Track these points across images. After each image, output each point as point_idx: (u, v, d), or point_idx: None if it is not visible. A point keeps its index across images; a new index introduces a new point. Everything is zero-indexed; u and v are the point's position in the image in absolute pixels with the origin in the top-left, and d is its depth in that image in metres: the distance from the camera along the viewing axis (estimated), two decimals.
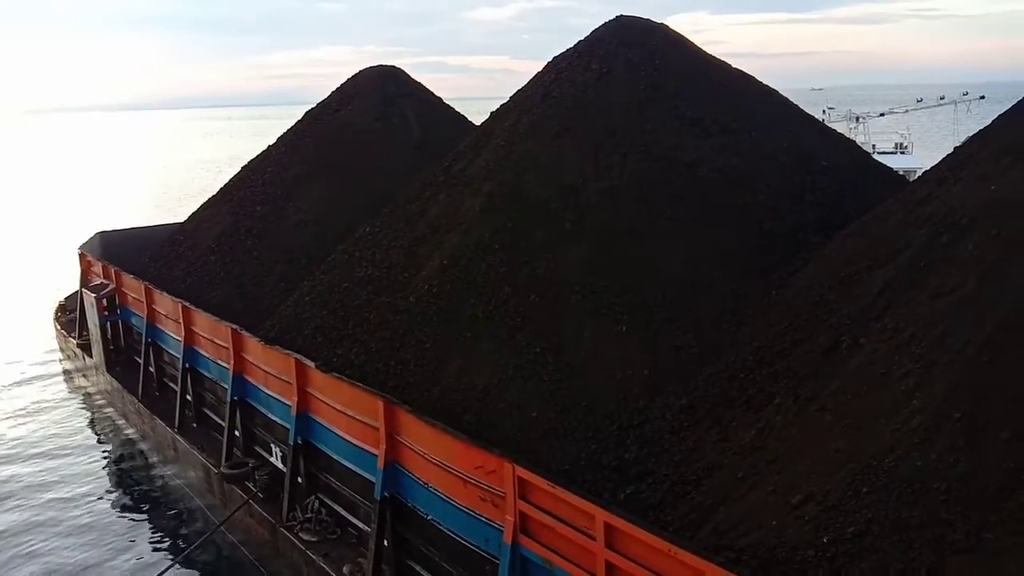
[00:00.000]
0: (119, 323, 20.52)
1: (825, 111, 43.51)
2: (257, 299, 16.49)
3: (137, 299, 18.73)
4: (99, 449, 19.79)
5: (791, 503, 7.25)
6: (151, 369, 18.58)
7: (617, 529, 7.39)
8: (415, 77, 21.79)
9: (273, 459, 13.53)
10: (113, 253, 21.92)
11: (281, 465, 13.11)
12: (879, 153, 33.50)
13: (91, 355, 21.67)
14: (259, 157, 20.96)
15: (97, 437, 20.54)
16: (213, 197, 21.06)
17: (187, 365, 16.27)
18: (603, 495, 8.71)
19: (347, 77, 21.91)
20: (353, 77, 21.64)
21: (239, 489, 13.61)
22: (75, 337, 23.48)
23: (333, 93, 21.48)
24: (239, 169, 21.47)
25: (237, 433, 14.48)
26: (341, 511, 11.98)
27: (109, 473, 18.50)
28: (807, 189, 12.13)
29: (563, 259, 11.29)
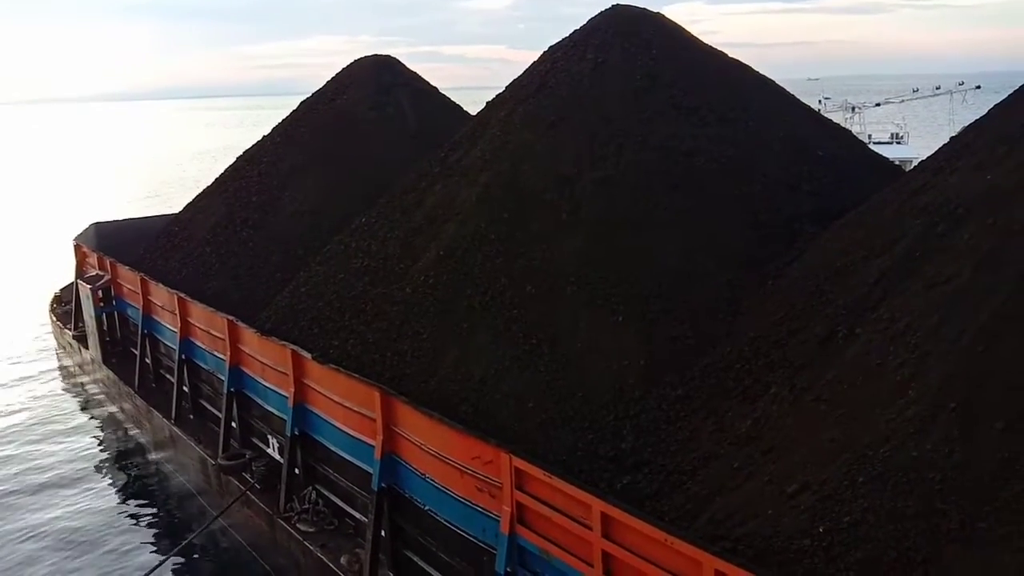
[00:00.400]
0: (115, 315, 20.48)
1: (821, 101, 43.50)
2: (253, 290, 16.46)
3: (133, 290, 18.68)
4: (95, 441, 19.79)
5: (787, 493, 7.28)
6: (147, 361, 18.56)
7: (614, 519, 7.43)
8: (410, 67, 21.71)
9: (270, 450, 13.55)
10: (108, 244, 21.85)
11: (278, 456, 13.12)
12: (875, 143, 33.51)
13: (87, 347, 21.63)
14: (254, 147, 20.87)
15: (93, 429, 20.52)
16: (208, 188, 20.97)
17: (183, 356, 16.26)
18: (600, 485, 8.74)
19: (341, 67, 21.85)
20: (348, 67, 21.51)
21: (236, 480, 13.62)
22: (71, 329, 23.44)
23: (328, 83, 21.33)
24: (234, 159, 21.40)
25: (234, 424, 14.48)
26: (338, 502, 12.00)
27: (105, 465, 18.49)
28: (803, 179, 12.13)
29: (559, 249, 11.28)
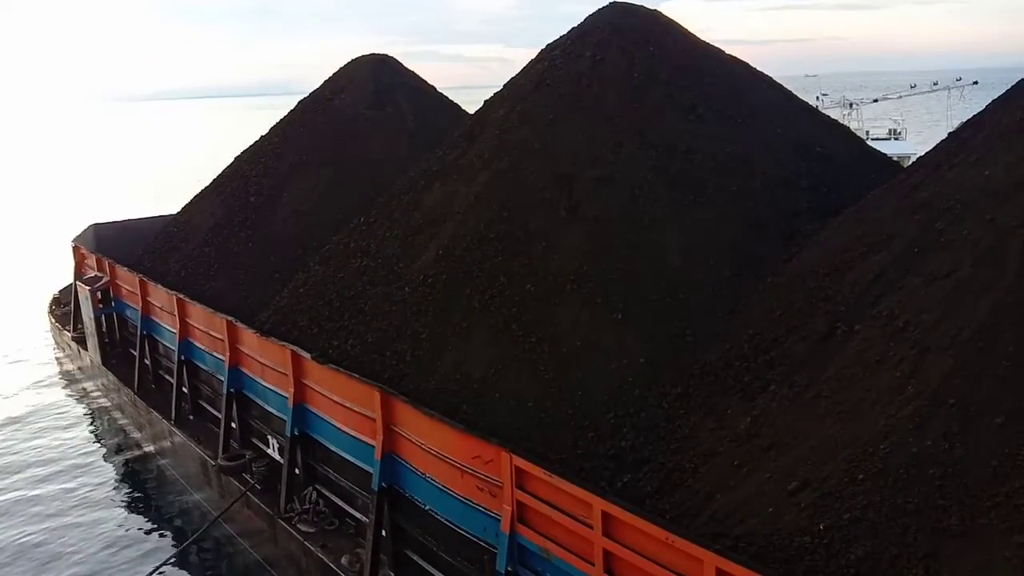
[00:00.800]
0: (114, 316, 20.44)
1: (819, 98, 43.49)
2: (252, 291, 16.45)
3: (132, 292, 18.66)
4: (95, 442, 19.78)
5: (787, 490, 7.28)
6: (147, 362, 18.54)
7: (614, 517, 7.42)
8: (408, 66, 21.67)
9: (270, 451, 13.54)
10: (107, 246, 21.83)
11: (278, 457, 13.11)
12: (873, 139, 33.50)
13: (86, 348, 21.62)
14: (252, 147, 20.83)
15: (93, 430, 20.51)
16: (206, 188, 20.92)
17: (183, 357, 16.24)
18: (600, 484, 8.74)
19: (338, 66, 21.78)
20: (345, 66, 21.43)
21: (236, 481, 13.61)
22: (70, 330, 23.42)
23: (326, 82, 21.26)
24: (232, 159, 21.36)
25: (234, 425, 14.46)
26: (339, 502, 12.00)
27: (106, 466, 18.47)
28: (802, 176, 12.12)
29: (558, 248, 11.28)
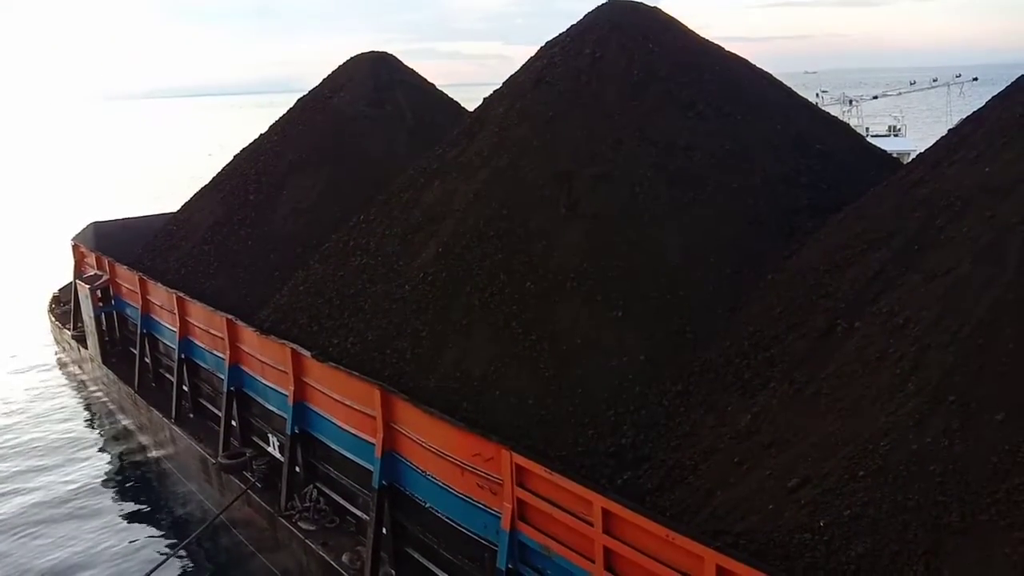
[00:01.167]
0: (114, 314, 20.45)
1: (818, 94, 43.46)
2: (252, 289, 16.44)
3: (131, 290, 18.66)
4: (96, 441, 19.78)
5: (788, 487, 7.28)
6: (147, 360, 18.54)
7: (615, 515, 7.42)
8: (406, 63, 21.63)
9: (271, 449, 13.55)
10: (106, 244, 21.82)
11: (279, 455, 13.12)
12: (873, 136, 33.47)
13: (86, 347, 21.62)
14: (251, 145, 20.82)
15: (94, 429, 20.51)
16: (206, 186, 20.91)
17: (183, 356, 16.24)
18: (600, 481, 8.75)
19: (337, 64, 21.75)
20: (344, 64, 21.40)
21: (237, 479, 13.63)
22: (70, 329, 23.42)
23: (325, 80, 21.24)
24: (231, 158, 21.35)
25: (234, 423, 14.47)
26: (339, 500, 12.01)
27: (106, 464, 18.48)
28: (801, 173, 12.12)
29: (558, 245, 11.27)
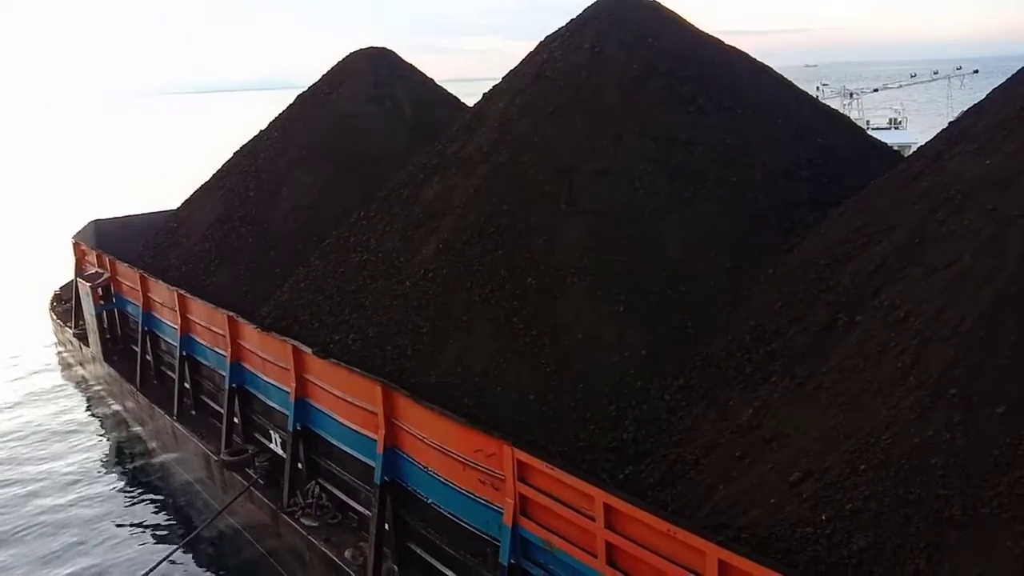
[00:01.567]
0: (115, 312, 20.45)
1: (819, 87, 43.39)
2: (253, 286, 16.43)
3: (132, 288, 18.65)
4: (98, 438, 19.83)
5: (789, 481, 7.29)
6: (148, 358, 18.55)
7: (617, 510, 7.43)
8: (406, 59, 21.58)
9: (273, 445, 13.56)
10: (107, 242, 21.82)
11: (281, 451, 13.14)
12: (873, 129, 33.41)
13: (87, 345, 21.64)
14: (251, 142, 20.79)
15: (96, 426, 20.55)
16: (206, 183, 20.89)
17: (184, 353, 16.25)
18: (602, 476, 8.76)
19: (336, 60, 21.71)
20: (344, 59, 21.32)
21: (239, 476, 13.65)
22: (71, 327, 23.44)
23: (324, 76, 21.19)
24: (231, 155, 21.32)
25: (236, 420, 14.49)
26: (342, 496, 12.03)
27: (108, 462, 18.53)
28: (802, 166, 12.09)
29: (559, 241, 11.26)
